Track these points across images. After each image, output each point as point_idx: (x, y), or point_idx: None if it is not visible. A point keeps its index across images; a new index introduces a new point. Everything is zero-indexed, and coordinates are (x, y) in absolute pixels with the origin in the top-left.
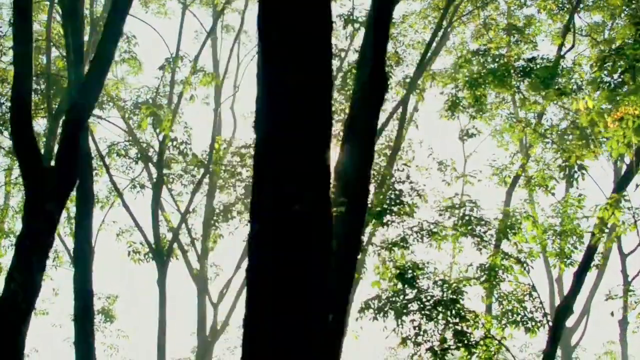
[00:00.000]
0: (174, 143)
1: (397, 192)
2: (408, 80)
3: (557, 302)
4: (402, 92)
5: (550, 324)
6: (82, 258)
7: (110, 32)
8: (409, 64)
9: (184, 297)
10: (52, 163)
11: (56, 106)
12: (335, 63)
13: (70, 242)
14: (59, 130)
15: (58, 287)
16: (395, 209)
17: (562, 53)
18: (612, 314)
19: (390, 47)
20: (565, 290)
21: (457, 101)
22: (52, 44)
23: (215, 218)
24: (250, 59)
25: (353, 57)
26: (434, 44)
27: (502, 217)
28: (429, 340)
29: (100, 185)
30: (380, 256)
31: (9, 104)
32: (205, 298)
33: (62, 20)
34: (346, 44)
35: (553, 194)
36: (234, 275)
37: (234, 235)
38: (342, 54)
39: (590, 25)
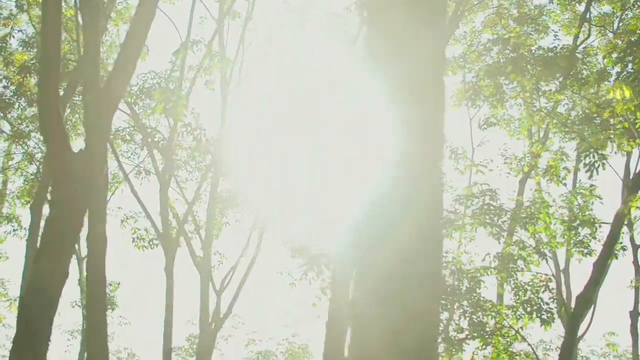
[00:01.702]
0: (188, 129)
1: None
2: None
3: (564, 293)
4: None
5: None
6: (96, 245)
7: (143, 15)
8: None
9: (185, 284)
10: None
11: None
12: None
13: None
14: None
15: None
16: None
17: (577, 43)
18: None
19: None
20: (572, 282)
21: (479, 90)
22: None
23: (220, 205)
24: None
25: None
26: None
27: (519, 207)
28: (442, 330)
29: None
30: None
31: (13, 87)
32: (209, 286)
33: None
34: None
35: (565, 184)
36: (238, 263)
37: (240, 223)
38: None
39: (599, 16)
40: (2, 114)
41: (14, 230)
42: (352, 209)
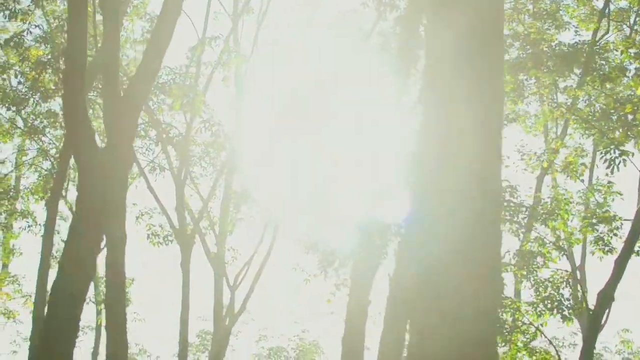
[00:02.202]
0: (206, 125)
1: None
2: None
3: (579, 290)
4: None
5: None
6: (116, 243)
7: (169, 10)
8: None
9: (196, 280)
10: None
11: None
12: None
13: None
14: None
15: None
16: None
17: (596, 38)
18: None
19: None
20: (588, 279)
21: None
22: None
23: (234, 201)
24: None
25: None
26: None
27: (537, 203)
28: None
29: None
30: None
31: (28, 83)
32: (223, 282)
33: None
34: None
35: (582, 180)
36: (252, 259)
37: (254, 219)
38: None
39: (616, 11)
40: (16, 110)
41: (29, 226)
42: (404, 211)
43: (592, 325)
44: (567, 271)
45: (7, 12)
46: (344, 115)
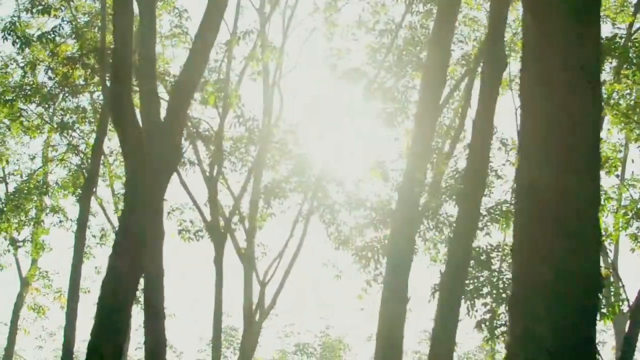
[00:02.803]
0: (240, 119)
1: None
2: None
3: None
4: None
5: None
6: (155, 239)
7: (216, 4)
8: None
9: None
10: None
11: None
12: None
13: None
14: None
15: (100, 266)
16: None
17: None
18: None
19: None
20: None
21: None
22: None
23: (264, 196)
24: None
25: None
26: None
27: None
28: (503, 324)
29: None
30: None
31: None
32: (252, 278)
33: None
34: None
35: (617, 176)
36: (282, 254)
37: (285, 214)
38: None
39: None
40: (47, 106)
41: (60, 221)
42: None
43: (636, 321)
44: (607, 268)
45: (39, 8)
46: (376, 106)
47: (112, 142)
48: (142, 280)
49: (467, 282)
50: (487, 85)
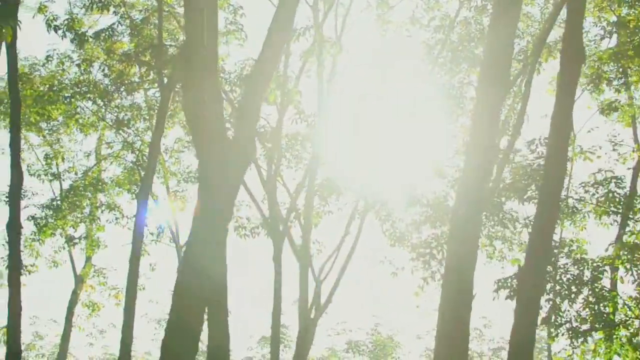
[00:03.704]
0: (301, 116)
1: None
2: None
3: None
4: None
5: None
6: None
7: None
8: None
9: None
10: None
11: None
12: None
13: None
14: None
15: (155, 263)
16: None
17: None
18: None
19: None
20: None
21: (603, 74)
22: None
23: (319, 193)
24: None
25: None
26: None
27: (635, 195)
28: (568, 321)
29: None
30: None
31: (113, 76)
32: (308, 274)
33: None
34: None
35: None
36: (338, 251)
37: (342, 211)
38: None
39: None
40: (104, 103)
41: (115, 219)
42: None
43: None
44: None
45: (99, 4)
46: (432, 103)
47: (167, 140)
48: None
49: None
50: (566, 79)
